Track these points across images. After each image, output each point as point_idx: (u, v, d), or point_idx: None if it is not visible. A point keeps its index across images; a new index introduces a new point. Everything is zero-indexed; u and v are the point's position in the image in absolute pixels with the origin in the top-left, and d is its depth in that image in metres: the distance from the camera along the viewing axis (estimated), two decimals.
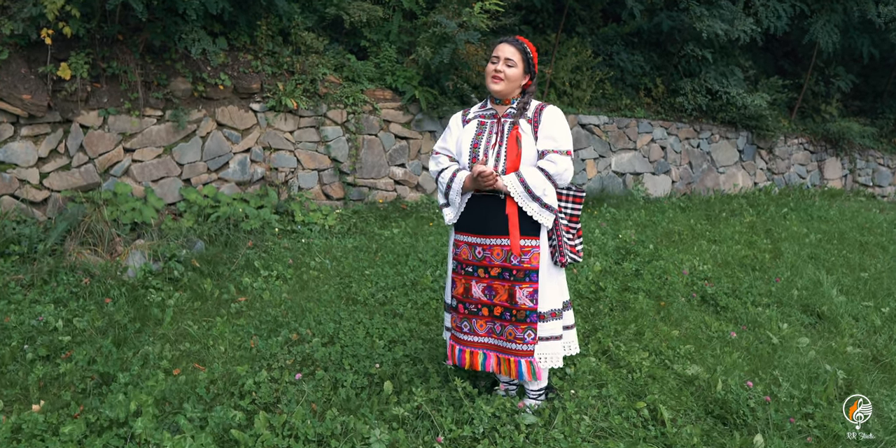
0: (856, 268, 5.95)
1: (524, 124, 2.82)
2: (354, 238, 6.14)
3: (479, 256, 2.82)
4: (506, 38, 2.87)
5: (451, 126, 3.01)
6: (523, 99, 2.89)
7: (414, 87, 7.31)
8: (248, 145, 6.41)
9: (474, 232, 2.83)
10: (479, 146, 2.84)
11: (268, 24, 6.35)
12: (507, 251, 2.77)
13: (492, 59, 2.85)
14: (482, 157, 2.81)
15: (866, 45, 10.56)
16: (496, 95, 2.86)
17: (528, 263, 2.76)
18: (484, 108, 2.97)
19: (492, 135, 2.84)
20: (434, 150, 3.04)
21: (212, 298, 4.32)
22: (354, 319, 3.93)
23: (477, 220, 2.83)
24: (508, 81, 2.81)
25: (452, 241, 2.95)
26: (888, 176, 12.37)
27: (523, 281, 2.76)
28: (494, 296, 2.81)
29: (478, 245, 2.82)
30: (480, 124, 2.90)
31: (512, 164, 2.76)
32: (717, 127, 10.18)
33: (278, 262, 5.10)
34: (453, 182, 2.86)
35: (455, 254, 2.92)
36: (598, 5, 9.64)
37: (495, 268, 2.79)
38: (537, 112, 2.86)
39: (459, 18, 6.90)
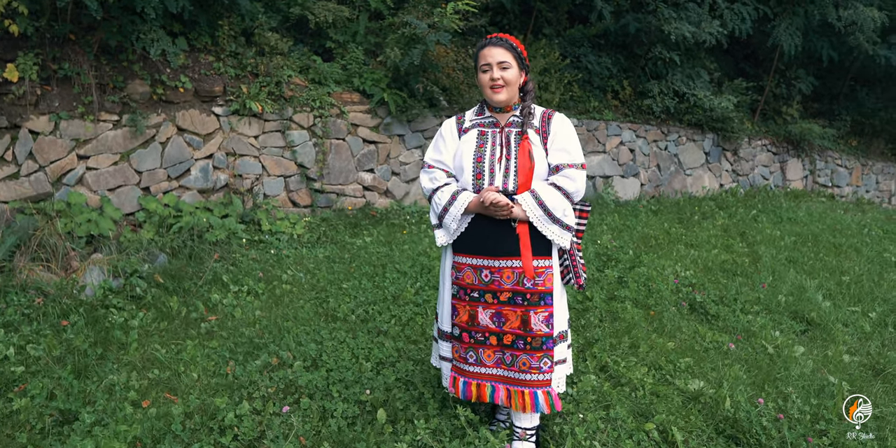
0: (835, 271, 5.91)
1: (532, 135, 2.55)
2: (325, 247, 5.86)
3: (486, 280, 2.53)
4: (488, 40, 2.57)
5: (443, 135, 2.69)
6: (525, 103, 2.60)
7: (382, 90, 7.06)
8: (210, 151, 6.08)
9: (480, 253, 2.54)
10: (483, 160, 2.54)
11: (230, 24, 6.03)
12: (520, 274, 2.49)
13: (481, 67, 2.55)
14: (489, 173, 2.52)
15: (825, 48, 10.71)
16: (499, 105, 2.58)
17: (542, 286, 2.50)
18: (481, 115, 2.67)
19: (496, 147, 2.56)
20: (426, 163, 2.71)
21: (179, 317, 4.00)
22: (336, 339, 3.67)
23: (482, 239, 2.54)
24: (510, 87, 2.53)
25: (450, 263, 2.64)
26: (846, 176, 12.58)
27: (538, 305, 2.50)
28: (504, 323, 2.53)
29: (484, 268, 2.53)
30: (481, 135, 2.60)
31: (524, 180, 2.49)
32: (683, 129, 10.17)
33: (248, 275, 4.79)
34: (452, 206, 2.53)
35: (456, 278, 2.60)
36: (565, 7, 9.53)
37: (505, 292, 2.51)
38: (545, 120, 2.60)
39: (430, 19, 6.68)
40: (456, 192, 2.55)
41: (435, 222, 2.63)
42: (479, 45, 2.59)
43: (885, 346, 4.36)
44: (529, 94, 2.63)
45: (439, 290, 2.76)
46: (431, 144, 2.74)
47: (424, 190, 2.68)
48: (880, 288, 5.51)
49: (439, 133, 2.72)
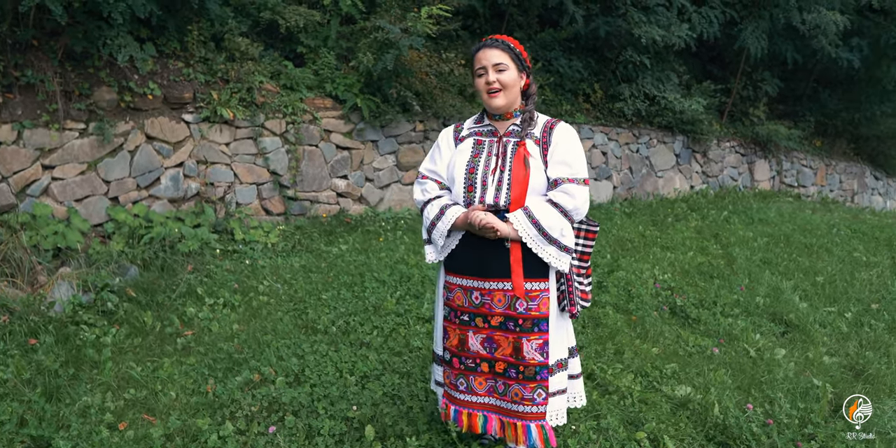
0: (809, 272, 5.98)
1: (531, 145, 2.38)
2: (301, 256, 5.76)
3: (476, 303, 2.37)
4: (482, 43, 2.42)
5: (439, 144, 2.54)
6: (527, 109, 2.45)
7: (355, 95, 6.98)
8: (180, 159, 5.93)
9: (470, 273, 2.37)
10: (475, 171, 2.37)
11: (199, 29, 5.89)
12: (512, 297, 2.32)
13: (476, 71, 2.40)
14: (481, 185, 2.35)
15: (790, 50, 10.89)
16: (498, 111, 2.42)
17: (536, 310, 2.32)
18: (480, 123, 2.51)
19: (491, 157, 2.39)
20: (420, 174, 2.56)
21: (153, 333, 3.87)
22: (318, 352, 3.58)
23: (473, 258, 2.37)
24: (508, 90, 2.37)
25: (442, 283, 2.49)
26: (811, 176, 12.81)
27: (531, 332, 2.32)
28: (496, 349, 2.37)
29: (475, 289, 2.37)
30: (477, 144, 2.44)
31: (518, 193, 2.30)
32: (654, 131, 10.25)
33: (223, 287, 4.67)
34: (440, 221, 2.37)
35: (447, 298, 2.45)
36: (535, 11, 9.55)
37: (496, 316, 2.34)
38: (546, 130, 2.41)
39: (404, 23, 6.61)
40: (445, 205, 2.40)
41: (425, 237, 2.49)
42: (474, 48, 2.45)
43: (863, 346, 4.41)
44: (532, 98, 2.48)
45: (434, 310, 2.64)
46: (428, 153, 2.61)
47: (416, 202, 2.54)
48: (853, 288, 5.58)
49: (436, 143, 2.60)
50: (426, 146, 7.74)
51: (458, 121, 8.03)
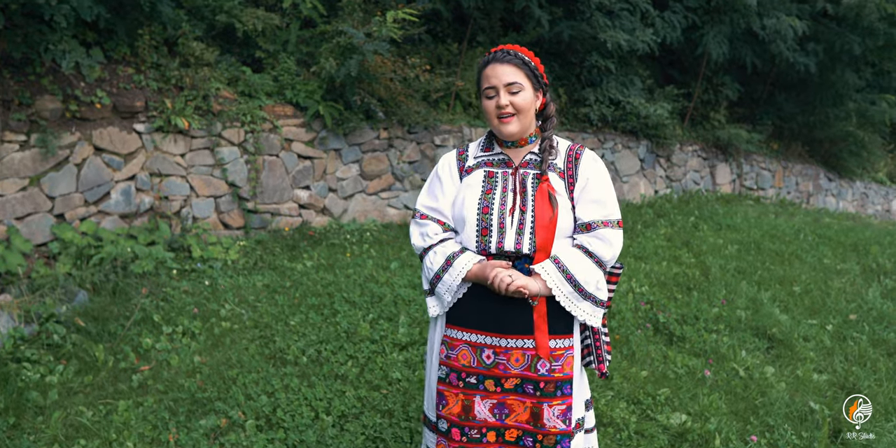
0: (784, 281, 5.91)
1: (555, 179, 2.04)
2: (263, 274, 5.44)
3: (487, 363, 2.01)
4: (492, 56, 2.05)
5: (440, 175, 2.15)
6: (546, 134, 2.09)
7: (317, 102, 6.68)
8: (132, 172, 5.55)
9: (482, 328, 2.01)
10: (490, 211, 2.01)
11: (151, 33, 5.52)
12: (532, 357, 1.98)
13: (484, 91, 2.03)
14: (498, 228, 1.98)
15: (749, 55, 10.94)
16: (510, 139, 2.06)
17: (559, 371, 1.99)
18: (489, 151, 2.13)
19: (507, 193, 2.02)
20: (416, 212, 2.15)
21: (106, 369, 3.53)
22: (290, 389, 3.30)
23: (486, 311, 2.01)
24: (522, 115, 2.01)
25: (439, 336, 2.11)
26: (769, 179, 12.94)
27: (553, 396, 1.98)
28: (508, 416, 2.01)
29: (486, 347, 2.01)
30: (489, 177, 2.07)
31: (544, 239, 1.96)
32: (619, 136, 10.17)
33: (181, 313, 4.34)
34: (447, 273, 2.01)
35: (447, 357, 2.06)
36: (498, 14, 9.37)
37: (512, 379, 2.00)
38: (571, 160, 2.07)
39: (367, 27, 6.34)
40: (452, 255, 2.02)
41: (426, 288, 2.12)
42: (482, 62, 2.07)
43: (849, 361, 4.32)
44: (551, 121, 2.12)
45: (426, 367, 2.21)
46: (425, 186, 2.20)
47: (414, 248, 2.14)
48: (829, 297, 5.53)
49: (434, 172, 2.19)
50: (391, 154, 7.49)
51: (428, 133, 7.87)
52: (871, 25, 10.26)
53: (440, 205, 2.11)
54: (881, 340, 4.63)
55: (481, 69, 2.08)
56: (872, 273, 6.46)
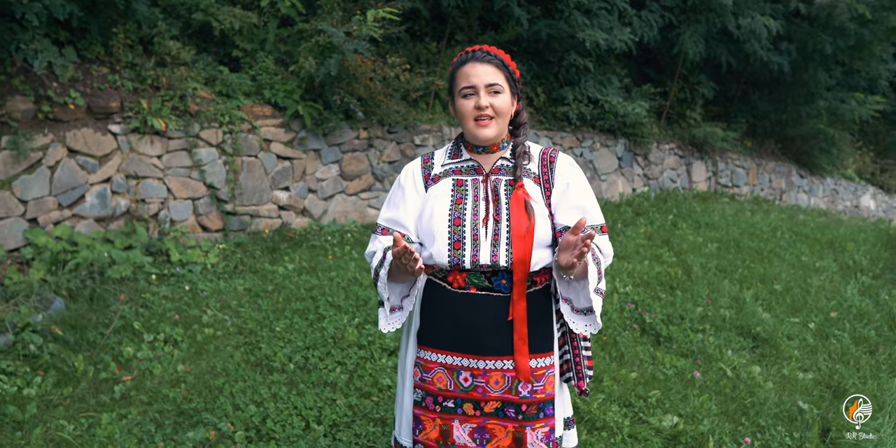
0: (765, 279, 5.96)
1: (530, 185, 1.91)
2: (244, 278, 5.35)
3: (465, 386, 1.87)
4: (470, 54, 1.90)
5: (402, 185, 1.99)
6: (519, 140, 1.96)
7: (296, 102, 6.58)
8: (107, 174, 5.41)
9: (456, 349, 1.87)
10: (462, 223, 1.86)
11: (125, 32, 5.38)
12: (513, 378, 1.86)
13: (461, 91, 1.88)
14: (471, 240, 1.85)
15: (724, 54, 11.04)
16: (486, 143, 1.92)
17: (541, 392, 1.87)
18: (457, 157, 1.99)
19: (479, 202, 1.89)
20: (377, 226, 1.99)
21: (86, 380, 3.43)
22: (279, 398, 3.23)
23: (460, 330, 1.87)
24: (501, 118, 1.89)
25: (411, 359, 1.97)
26: (744, 176, 13.10)
27: (536, 419, 1.87)
28: (489, 441, 1.89)
29: (464, 369, 1.87)
30: (458, 185, 1.92)
31: (522, 250, 1.81)
32: (597, 135, 10.20)
33: (162, 319, 4.24)
34: (382, 267, 1.84)
35: (422, 380, 1.91)
36: (476, 13, 9.33)
37: (492, 402, 1.87)
38: (546, 164, 1.95)
39: (347, 26, 6.26)
40: (388, 247, 1.87)
41: (379, 298, 1.94)
42: (458, 60, 1.93)
43: (833, 359, 4.36)
44: (523, 127, 1.98)
45: (397, 388, 2.06)
46: (387, 198, 2.03)
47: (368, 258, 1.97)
48: (810, 295, 5.58)
49: (397, 183, 2.02)
50: (370, 154, 7.42)
51: (408, 133, 7.79)
52: (842, 25, 10.40)
53: (401, 215, 1.95)
54: (862, 338, 4.69)
55: (457, 68, 1.93)
56: (849, 270, 6.55)
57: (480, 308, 1.85)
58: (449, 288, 1.88)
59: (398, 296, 1.91)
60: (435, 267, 1.90)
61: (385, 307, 1.90)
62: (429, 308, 1.92)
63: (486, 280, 1.85)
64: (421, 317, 1.94)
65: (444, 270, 1.89)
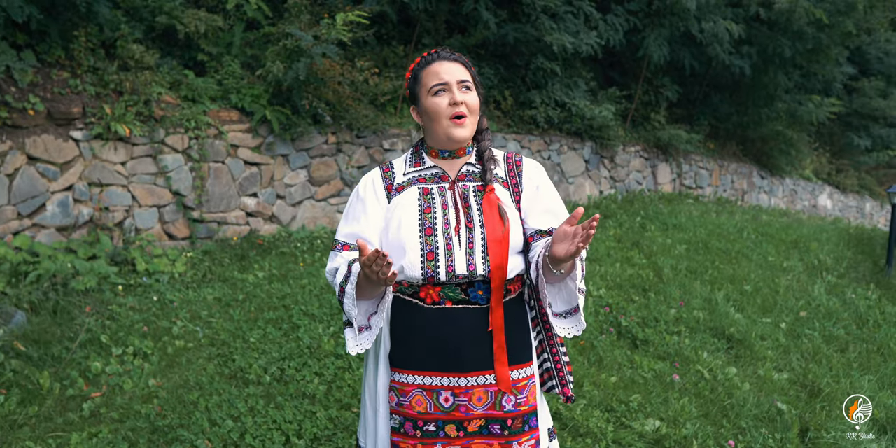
0: (735, 280, 6.03)
1: (500, 190, 1.85)
2: (213, 287, 5.22)
3: (446, 407, 1.77)
4: (436, 55, 1.84)
5: (361, 197, 1.87)
6: (484, 144, 1.90)
7: (263, 107, 6.47)
8: (69, 182, 5.24)
9: (435, 369, 1.77)
10: (434, 232, 1.77)
11: (87, 35, 5.22)
12: (496, 393, 1.77)
13: (432, 89, 1.79)
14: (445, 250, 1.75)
15: (688, 57, 11.21)
16: (460, 144, 1.83)
17: (525, 404, 1.80)
18: (419, 165, 1.89)
19: (448, 210, 1.80)
20: (336, 242, 1.86)
21: (52, 397, 3.30)
22: (257, 412, 3.14)
23: (438, 348, 1.77)
24: (474, 118, 1.82)
25: (384, 384, 1.84)
26: (707, 178, 13.30)
27: (522, 432, 1.80)
28: None
29: (444, 389, 1.77)
30: (423, 194, 1.83)
31: (499, 256, 1.74)
32: (564, 138, 10.26)
33: (130, 332, 4.10)
34: (348, 282, 1.70)
35: (398, 404, 1.79)
36: (442, 16, 9.31)
37: (476, 420, 1.77)
38: (512, 168, 1.90)
39: (315, 30, 6.18)
40: (353, 260, 1.75)
41: (345, 318, 1.81)
42: (423, 61, 1.85)
43: (805, 358, 4.43)
44: (486, 132, 1.92)
45: (362, 416, 1.93)
46: (344, 213, 1.90)
47: (327, 275, 1.84)
48: (779, 295, 5.67)
49: (355, 194, 1.89)
50: (339, 159, 7.33)
51: (377, 137, 7.73)
52: (800, 30, 10.63)
53: (363, 229, 1.83)
54: (832, 337, 4.77)
55: (422, 68, 1.84)
56: (815, 270, 6.67)
57: (457, 322, 1.76)
58: (422, 304, 1.78)
59: (364, 314, 1.77)
60: (404, 283, 1.79)
61: (353, 327, 1.76)
62: (400, 328, 1.80)
63: (462, 292, 1.77)
64: (392, 338, 1.82)
65: (415, 286, 1.78)
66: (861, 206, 17.78)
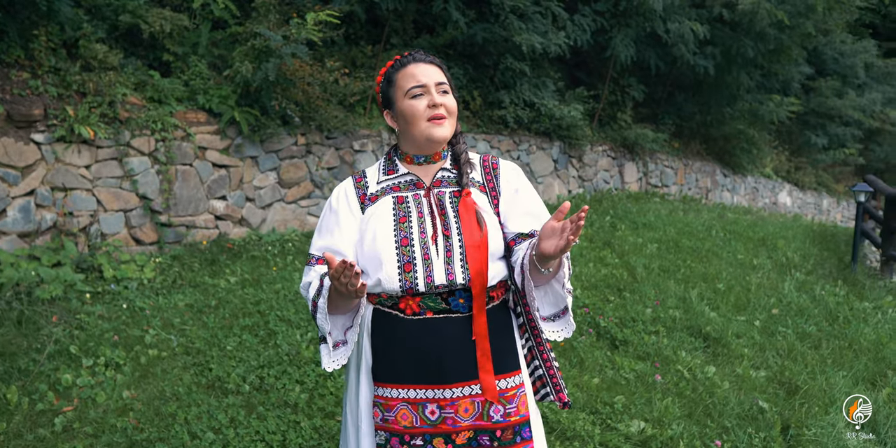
0: (708, 279, 6.10)
1: (477, 194, 1.81)
2: (184, 293, 5.09)
3: (433, 419, 1.72)
4: (410, 57, 1.81)
5: (334, 208, 1.83)
6: (460, 147, 1.86)
7: (231, 108, 6.34)
8: (31, 186, 5.06)
9: (419, 381, 1.73)
10: (410, 242, 1.72)
11: (48, 35, 5.05)
12: (483, 403, 1.72)
13: (409, 91, 1.75)
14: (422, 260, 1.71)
15: (653, 57, 11.33)
16: (438, 146, 1.80)
17: (515, 414, 1.74)
18: (393, 173, 1.84)
19: (424, 218, 1.76)
20: (311, 257, 1.82)
21: (21, 413, 3.16)
22: (238, 422, 3.05)
23: (420, 360, 1.72)
24: (452, 119, 1.78)
25: (365, 399, 1.79)
26: (672, 176, 13.48)
27: (513, 444, 1.74)
28: None
29: (429, 401, 1.72)
30: (398, 203, 1.79)
31: (478, 263, 1.69)
32: (533, 138, 10.29)
33: (101, 342, 3.97)
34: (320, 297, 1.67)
35: (383, 420, 1.73)
36: (410, 16, 9.25)
37: (464, 432, 1.72)
38: (489, 171, 1.86)
39: (285, 29, 6.07)
40: (325, 274, 1.70)
41: (319, 334, 1.77)
42: (398, 63, 1.81)
43: (781, 355, 4.48)
44: (461, 135, 1.89)
45: (344, 433, 1.87)
46: (318, 225, 1.85)
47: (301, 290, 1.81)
48: (751, 293, 5.74)
49: (328, 206, 1.85)
50: (309, 161, 7.23)
51: (347, 138, 7.63)
52: (762, 30, 10.82)
53: (336, 242, 1.78)
54: (805, 334, 4.84)
55: (397, 70, 1.80)
56: (784, 267, 6.78)
57: (439, 332, 1.72)
58: (402, 316, 1.73)
59: (340, 329, 1.73)
60: (383, 295, 1.75)
61: (328, 343, 1.72)
62: (381, 341, 1.75)
63: (443, 302, 1.73)
64: (373, 352, 1.76)
65: (394, 297, 1.74)
66: (819, 203, 18.20)
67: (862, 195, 6.81)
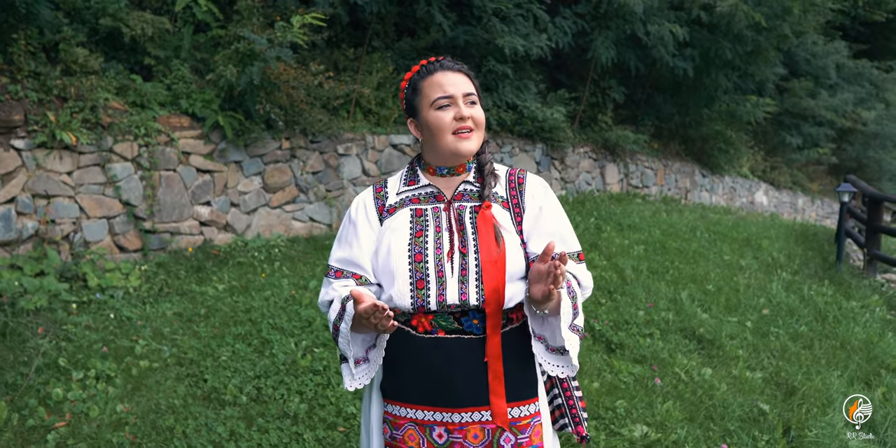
0: (697, 280, 6.13)
1: (498, 210, 1.71)
2: (172, 301, 4.99)
3: (440, 443, 1.64)
4: (438, 64, 1.71)
5: (353, 220, 1.77)
6: (484, 158, 1.76)
7: (215, 112, 6.24)
8: (11, 193, 4.92)
9: (428, 403, 1.65)
10: (425, 258, 1.65)
11: (27, 38, 4.92)
12: (493, 430, 1.63)
13: (435, 102, 1.66)
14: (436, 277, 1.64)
15: (633, 59, 11.40)
16: (464, 157, 1.71)
17: (528, 445, 1.64)
18: (414, 184, 1.76)
19: (441, 233, 1.68)
20: (329, 268, 1.76)
21: (10, 429, 3.05)
22: (238, 435, 2.98)
23: (431, 381, 1.65)
24: (480, 132, 1.69)
25: (376, 414, 1.73)
26: (652, 177, 13.57)
27: None
28: None
29: (437, 424, 1.64)
30: (417, 215, 1.71)
31: (494, 284, 1.61)
32: (516, 140, 10.29)
33: (90, 353, 3.86)
34: (342, 321, 1.61)
35: (391, 437, 1.68)
36: (392, 19, 9.20)
37: None
38: (514, 186, 1.75)
39: (269, 32, 5.99)
40: (347, 297, 1.62)
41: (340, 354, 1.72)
42: (424, 70, 1.71)
43: (774, 356, 4.51)
44: (487, 145, 1.78)
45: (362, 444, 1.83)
46: (337, 235, 1.80)
47: (320, 306, 1.76)
48: (741, 294, 5.78)
49: (347, 217, 1.79)
50: (293, 165, 7.14)
51: (331, 142, 7.54)
52: (740, 33, 10.94)
53: (355, 254, 1.72)
54: (797, 334, 4.88)
55: (423, 77, 1.71)
56: (770, 267, 6.84)
57: (451, 353, 1.63)
58: (413, 333, 1.66)
59: (362, 347, 1.67)
60: (396, 310, 1.68)
61: (349, 362, 1.66)
62: (392, 357, 1.67)
63: (456, 321, 1.64)
64: (384, 367, 1.70)
65: (407, 314, 1.67)
66: (794, 202, 18.45)
67: (846, 195, 6.90)
